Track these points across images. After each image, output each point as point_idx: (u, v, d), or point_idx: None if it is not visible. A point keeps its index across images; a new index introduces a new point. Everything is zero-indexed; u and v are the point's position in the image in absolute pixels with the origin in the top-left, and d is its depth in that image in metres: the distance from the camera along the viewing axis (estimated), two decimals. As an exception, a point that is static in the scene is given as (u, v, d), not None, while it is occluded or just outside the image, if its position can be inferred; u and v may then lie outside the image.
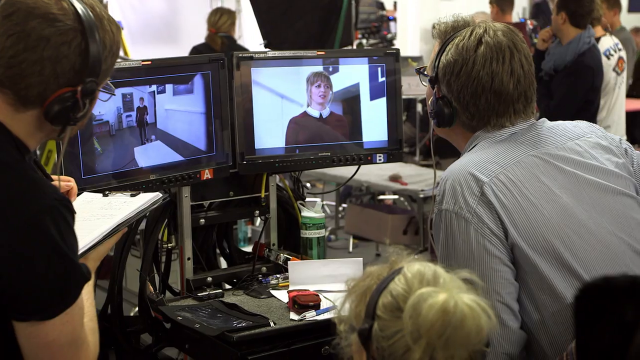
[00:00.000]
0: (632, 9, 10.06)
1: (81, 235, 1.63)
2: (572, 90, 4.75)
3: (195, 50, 6.30)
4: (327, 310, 2.20)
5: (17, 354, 1.50)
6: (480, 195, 1.78)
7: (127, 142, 2.28)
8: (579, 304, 1.04)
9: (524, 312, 1.80)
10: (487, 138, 1.92)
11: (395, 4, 9.02)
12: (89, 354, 1.56)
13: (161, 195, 1.95)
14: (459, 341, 1.25)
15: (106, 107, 2.20)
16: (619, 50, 5.20)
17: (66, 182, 1.77)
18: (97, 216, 1.80)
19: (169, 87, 2.36)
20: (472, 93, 1.90)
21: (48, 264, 1.44)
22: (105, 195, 1.96)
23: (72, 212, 1.51)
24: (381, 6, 8.69)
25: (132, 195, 1.93)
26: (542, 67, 4.86)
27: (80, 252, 1.61)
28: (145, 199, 1.90)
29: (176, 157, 2.40)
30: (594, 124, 2.05)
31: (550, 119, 2.02)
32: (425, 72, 2.05)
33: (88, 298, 1.61)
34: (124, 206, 1.86)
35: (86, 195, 1.98)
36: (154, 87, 2.33)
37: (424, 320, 1.25)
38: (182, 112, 2.40)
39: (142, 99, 2.30)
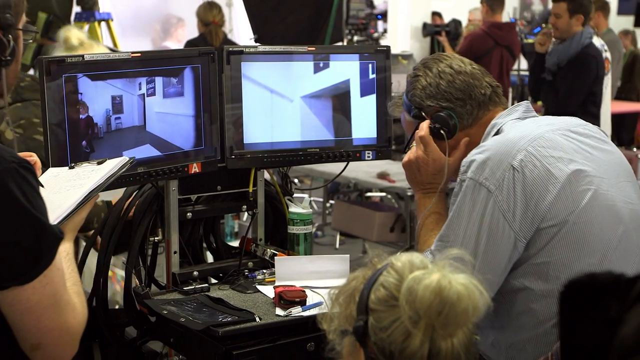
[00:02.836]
0: (621, 11, 10.10)
1: (54, 207, 1.60)
2: (579, 80, 4.96)
3: (191, 44, 6.26)
4: (313, 306, 2.19)
5: (3, 324, 1.48)
6: (510, 168, 1.86)
7: (116, 145, 2.25)
8: (563, 300, 1.04)
9: (531, 280, 1.89)
10: (506, 121, 2.05)
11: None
12: (76, 314, 1.53)
13: (128, 158, 1.91)
14: (458, 318, 1.26)
15: (95, 109, 2.19)
16: (605, 51, 5.30)
17: (28, 157, 1.75)
18: (66, 187, 1.78)
19: (159, 90, 2.33)
20: (449, 82, 2.11)
21: (17, 227, 1.42)
22: (71, 167, 1.93)
23: (34, 174, 1.48)
24: (371, 4, 8.70)
25: (98, 164, 1.90)
26: (546, 65, 5.05)
27: (55, 223, 1.59)
28: (113, 164, 1.87)
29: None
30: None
31: (558, 111, 2.13)
32: (413, 115, 2.21)
33: (69, 265, 1.60)
34: (92, 174, 1.83)
35: (52, 170, 1.95)
36: (143, 90, 2.30)
37: (420, 302, 1.25)
38: (172, 115, 2.38)
39: (83, 107, 2.16)
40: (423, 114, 2.16)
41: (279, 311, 2.19)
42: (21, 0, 1.56)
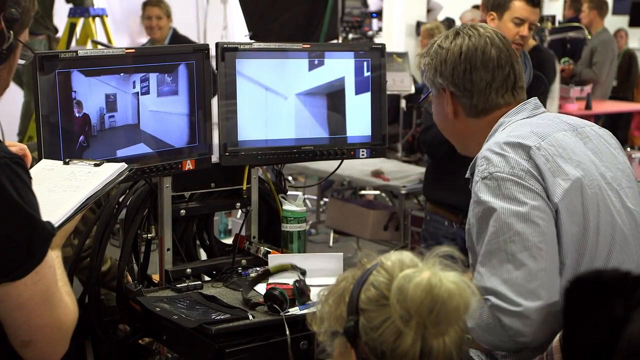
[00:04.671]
0: (616, 11, 10.12)
1: (49, 207, 1.59)
2: None
3: (186, 40, 6.11)
4: (306, 304, 2.19)
5: None
6: (529, 158, 1.88)
7: (110, 144, 2.23)
8: (569, 296, 1.04)
9: None
10: (515, 120, 2.03)
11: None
12: (68, 312, 1.53)
13: (127, 165, 1.87)
14: (449, 316, 1.25)
15: (89, 107, 2.17)
16: None
17: (18, 149, 1.73)
18: (62, 188, 1.75)
19: (153, 88, 2.31)
20: (465, 70, 2.05)
21: (8, 224, 1.41)
22: (66, 163, 1.88)
23: (26, 169, 1.47)
24: (364, 3, 8.69)
25: (95, 165, 1.85)
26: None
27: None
28: (111, 170, 1.83)
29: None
30: None
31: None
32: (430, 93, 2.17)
33: (60, 266, 1.59)
34: (89, 177, 1.79)
35: (46, 162, 1.92)
36: (137, 88, 2.29)
37: (411, 300, 1.25)
38: (166, 114, 2.37)
39: (77, 104, 2.13)
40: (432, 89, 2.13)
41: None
42: (30, 11, 1.55)
